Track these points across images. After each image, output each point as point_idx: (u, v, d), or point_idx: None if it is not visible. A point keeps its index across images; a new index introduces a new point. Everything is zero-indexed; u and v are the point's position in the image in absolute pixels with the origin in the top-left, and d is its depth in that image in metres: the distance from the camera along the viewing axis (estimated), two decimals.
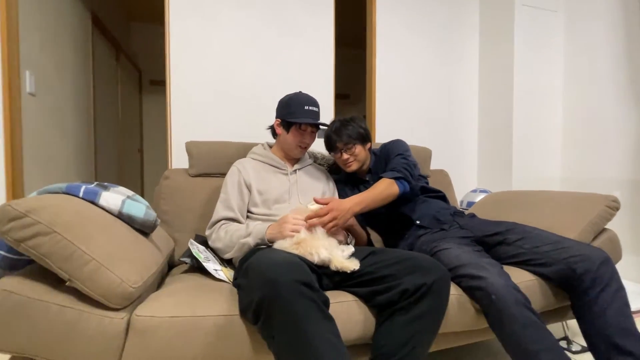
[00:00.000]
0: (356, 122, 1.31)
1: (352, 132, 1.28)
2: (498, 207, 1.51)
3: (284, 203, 1.19)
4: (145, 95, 4.08)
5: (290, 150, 1.25)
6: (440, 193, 1.39)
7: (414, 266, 0.89)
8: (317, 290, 0.76)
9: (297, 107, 1.19)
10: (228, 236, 1.07)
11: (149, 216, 0.96)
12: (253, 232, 1.03)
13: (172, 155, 1.86)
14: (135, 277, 0.80)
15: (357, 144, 1.29)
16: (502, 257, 1.13)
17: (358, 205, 1.09)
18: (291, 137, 1.22)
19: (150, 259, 0.92)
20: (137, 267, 0.83)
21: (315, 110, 1.20)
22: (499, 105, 2.33)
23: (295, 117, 1.17)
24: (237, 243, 1.05)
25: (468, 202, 2.03)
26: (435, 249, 1.10)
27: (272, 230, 1.02)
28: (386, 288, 0.88)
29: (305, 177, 1.28)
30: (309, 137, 1.22)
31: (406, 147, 1.32)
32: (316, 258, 0.92)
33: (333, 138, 1.30)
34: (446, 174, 1.83)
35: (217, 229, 1.12)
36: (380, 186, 1.16)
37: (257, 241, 1.02)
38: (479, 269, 0.95)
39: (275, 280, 0.73)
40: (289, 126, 1.21)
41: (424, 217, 1.27)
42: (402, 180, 1.19)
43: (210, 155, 1.43)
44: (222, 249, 1.10)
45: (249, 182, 1.19)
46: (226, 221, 1.13)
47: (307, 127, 1.21)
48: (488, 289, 0.91)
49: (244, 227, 1.07)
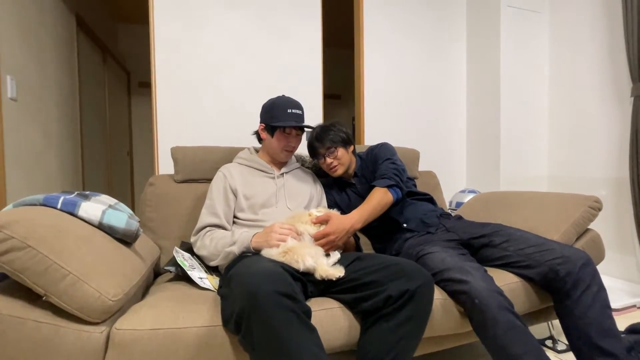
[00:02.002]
0: (337, 126, 1.32)
1: (333, 137, 1.29)
2: (486, 207, 1.52)
3: (271, 207, 1.18)
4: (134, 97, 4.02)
5: (276, 155, 1.24)
6: (427, 196, 1.39)
7: (398, 272, 0.89)
8: (298, 301, 0.75)
9: (280, 111, 1.18)
10: (213, 244, 1.06)
11: (130, 226, 0.95)
12: (238, 241, 1.02)
13: (159, 161, 1.84)
14: (115, 290, 0.78)
15: (339, 147, 1.29)
16: (488, 259, 1.13)
17: (359, 222, 1.10)
18: (276, 142, 1.21)
19: (132, 269, 0.90)
20: (118, 278, 0.81)
21: (299, 113, 1.19)
22: (486, 105, 2.34)
23: (279, 120, 1.17)
24: (222, 252, 1.04)
25: (457, 202, 2.04)
26: (421, 252, 1.10)
27: (258, 239, 1.01)
28: (371, 294, 0.88)
29: (293, 181, 1.28)
30: (294, 140, 1.22)
31: (393, 151, 1.32)
32: (301, 266, 0.91)
33: (315, 144, 1.30)
34: (434, 175, 1.83)
35: (202, 236, 1.11)
36: (375, 197, 1.17)
37: (243, 250, 1.01)
38: (463, 273, 0.96)
39: (255, 291, 0.72)
40: (273, 130, 1.20)
41: (411, 220, 1.27)
42: (395, 188, 1.20)
43: (196, 160, 1.41)
44: (207, 256, 1.09)
45: (235, 187, 1.18)
46: (211, 228, 1.12)
47: (291, 131, 1.20)
48: (471, 293, 0.92)
49: (229, 235, 1.06)
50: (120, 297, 0.78)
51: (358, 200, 1.30)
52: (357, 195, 1.34)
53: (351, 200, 1.34)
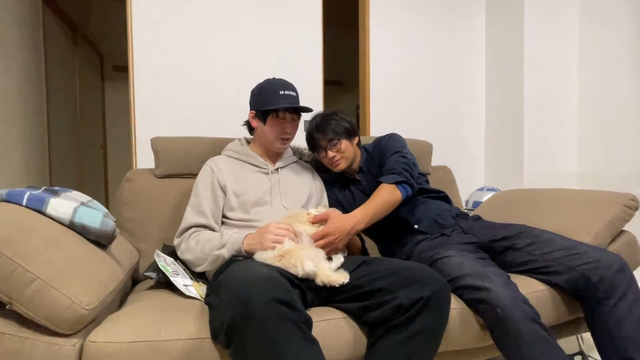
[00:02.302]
0: (340, 115, 1.31)
1: (336, 127, 1.28)
2: (507, 207, 1.52)
3: (265, 206, 1.18)
4: (108, 82, 4.01)
5: (270, 144, 1.23)
6: (441, 193, 1.39)
7: (409, 278, 0.89)
8: (297, 309, 0.75)
9: (271, 94, 1.17)
10: (199, 247, 1.06)
11: (105, 225, 0.95)
12: (228, 243, 1.02)
13: (137, 154, 1.84)
14: (89, 297, 0.78)
15: (342, 139, 1.29)
16: (511, 264, 1.14)
17: (362, 222, 1.10)
18: (269, 129, 1.20)
19: (108, 274, 0.90)
20: (92, 285, 0.81)
21: (293, 95, 1.18)
22: (508, 91, 2.34)
23: (270, 104, 1.16)
24: (209, 255, 1.04)
25: (474, 202, 2.05)
26: (435, 256, 1.11)
27: (250, 240, 1.01)
28: (379, 303, 0.88)
29: (289, 176, 1.27)
30: (290, 126, 1.21)
31: (403, 143, 1.32)
32: (300, 271, 0.91)
33: (315, 135, 1.30)
34: (449, 171, 1.83)
35: (186, 238, 1.11)
36: (381, 194, 1.16)
37: (233, 253, 1.01)
38: (483, 279, 0.96)
39: (248, 299, 0.72)
40: (265, 116, 1.19)
41: (423, 220, 1.27)
42: (404, 184, 1.19)
43: (180, 153, 1.41)
44: (193, 261, 1.08)
45: (224, 183, 1.18)
46: (197, 229, 1.12)
47: (286, 115, 1.19)
48: (493, 302, 0.92)
49: (218, 236, 1.06)
50: (95, 306, 0.78)
51: (363, 198, 1.30)
52: (363, 193, 1.34)
53: (356, 199, 1.34)
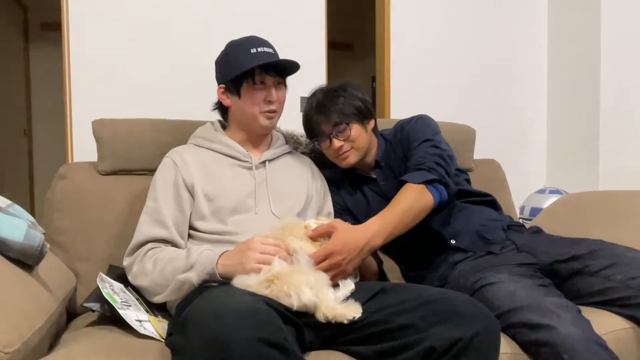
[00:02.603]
0: (349, 90, 1.31)
1: (344, 106, 1.28)
2: (577, 215, 1.53)
3: (247, 213, 1.18)
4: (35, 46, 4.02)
5: (251, 123, 1.24)
6: (487, 197, 1.40)
7: (444, 311, 0.89)
8: (291, 354, 0.75)
9: (241, 56, 1.18)
10: (158, 269, 1.06)
11: (32, 240, 0.95)
12: (198, 264, 1.02)
13: (73, 142, 1.85)
14: (9, 336, 0.78)
15: (352, 122, 1.29)
16: (582, 293, 1.14)
17: (379, 236, 1.10)
18: (247, 102, 1.21)
19: (34, 306, 0.90)
20: (12, 320, 0.81)
21: (270, 52, 1.20)
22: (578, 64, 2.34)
23: (242, 67, 1.17)
24: (172, 281, 1.03)
25: (532, 208, 2.07)
26: (480, 283, 1.11)
27: (227, 260, 1.01)
28: (402, 346, 0.88)
29: (280, 173, 1.28)
30: (274, 92, 1.21)
31: (436, 129, 1.32)
32: (295, 302, 0.91)
33: (315, 118, 1.29)
34: (498, 167, 1.83)
35: (140, 257, 1.11)
36: (406, 198, 1.16)
37: (204, 277, 1.01)
38: (544, 313, 0.96)
39: (226, 340, 0.72)
40: (238, 87, 1.20)
41: (462, 234, 1.27)
42: (437, 184, 1.19)
43: (132, 140, 1.41)
44: (149, 288, 1.08)
45: (191, 182, 1.18)
46: (155, 244, 1.12)
47: (265, 78, 1.20)
48: (557, 345, 0.92)
49: (184, 254, 1.06)
50: (17, 348, 0.78)
51: (381, 203, 1.29)
52: (380, 196, 1.34)
53: (371, 205, 1.34)
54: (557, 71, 2.48)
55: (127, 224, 1.33)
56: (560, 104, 2.46)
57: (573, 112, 2.39)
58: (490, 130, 2.39)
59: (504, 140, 2.45)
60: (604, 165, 2.26)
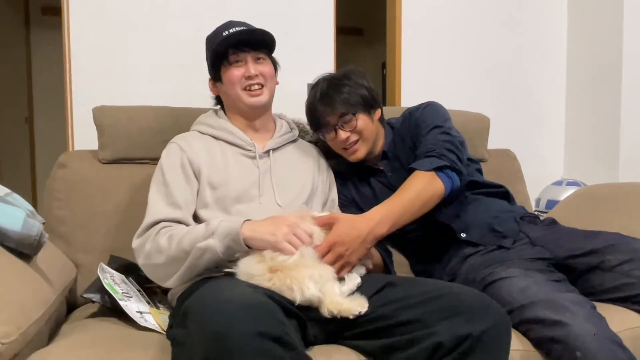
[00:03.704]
0: (353, 78, 1.31)
1: (349, 96, 1.27)
2: (594, 208, 1.52)
3: (251, 203, 1.19)
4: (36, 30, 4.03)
5: (238, 104, 1.25)
6: (500, 188, 1.38)
7: (453, 306, 0.89)
8: (293, 347, 0.75)
9: (214, 41, 1.23)
10: (175, 242, 1.03)
11: (30, 229, 0.96)
12: (219, 230, 1.00)
13: (74, 130, 1.85)
14: (7, 327, 0.79)
15: (359, 112, 1.28)
16: (598, 289, 1.14)
17: (382, 224, 1.09)
18: (228, 83, 1.23)
19: (33, 297, 0.91)
20: (10, 311, 0.82)
21: (241, 29, 1.22)
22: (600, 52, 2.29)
23: (215, 51, 1.22)
24: (191, 251, 1.01)
25: (548, 200, 2.06)
26: (491, 278, 1.10)
27: (255, 225, 1.01)
28: (409, 341, 0.88)
29: (285, 162, 1.28)
30: (252, 66, 1.22)
31: (445, 115, 1.31)
32: (298, 296, 0.92)
33: (319, 108, 1.28)
34: (512, 157, 1.82)
35: (153, 236, 1.08)
36: (414, 185, 1.15)
37: (228, 243, 1.00)
38: (557, 309, 0.96)
39: (225, 332, 0.72)
40: (218, 71, 1.24)
41: (472, 227, 1.27)
42: (448, 171, 1.18)
43: (134, 128, 1.42)
44: (164, 266, 1.05)
45: (198, 167, 1.18)
46: (168, 223, 1.10)
47: (239, 55, 1.21)
48: (571, 342, 0.91)
49: (202, 225, 1.05)
50: (15, 339, 0.79)
51: (389, 195, 1.28)
52: (388, 187, 1.34)
53: (378, 197, 1.34)
54: (577, 58, 2.44)
55: (128, 214, 1.35)
56: (579, 92, 2.42)
57: (592, 100, 2.36)
58: (505, 119, 2.37)
59: (520, 130, 2.43)
60: (624, 156, 2.23)
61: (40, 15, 3.98)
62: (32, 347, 0.91)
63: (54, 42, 3.96)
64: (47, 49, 3.97)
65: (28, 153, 3.97)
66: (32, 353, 0.89)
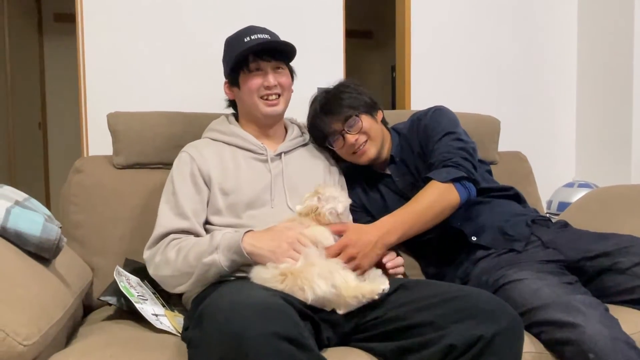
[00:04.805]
0: (352, 86, 1.33)
1: (350, 100, 1.29)
2: (606, 210, 1.51)
3: (263, 207, 1.20)
4: (49, 38, 4.09)
5: (254, 112, 1.26)
6: (510, 190, 1.39)
7: (465, 309, 0.89)
8: (308, 349, 0.76)
9: (235, 47, 1.22)
10: (181, 257, 1.07)
11: (49, 233, 0.97)
12: (222, 244, 1.03)
13: (88, 136, 1.87)
14: (28, 329, 0.80)
15: (362, 114, 1.30)
16: (611, 291, 1.13)
17: (391, 234, 1.11)
18: (246, 90, 1.24)
19: (52, 300, 0.93)
20: (31, 313, 0.84)
21: (264, 37, 1.22)
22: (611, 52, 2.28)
23: (236, 57, 1.22)
24: (197, 266, 1.04)
25: (560, 202, 2.04)
26: (502, 280, 1.11)
27: (256, 241, 1.02)
28: (421, 343, 0.89)
29: (297, 165, 1.29)
30: (272, 77, 1.22)
31: (455, 120, 1.32)
32: (310, 295, 0.93)
33: (322, 119, 1.29)
34: (523, 159, 1.81)
35: (162, 248, 1.11)
36: (427, 196, 1.16)
37: (233, 257, 1.02)
38: (569, 311, 0.96)
39: (241, 334, 0.73)
40: (237, 76, 1.24)
41: (484, 231, 1.27)
42: (465, 182, 1.18)
43: (148, 134, 1.43)
44: (173, 278, 1.09)
45: (208, 175, 1.20)
46: (177, 235, 1.13)
47: (259, 64, 1.22)
48: (583, 344, 0.92)
49: (207, 237, 1.08)
50: (36, 340, 0.80)
51: (397, 200, 1.31)
52: (396, 193, 1.35)
53: (387, 202, 1.35)
54: (588, 59, 2.42)
55: (142, 218, 1.36)
56: (591, 93, 2.41)
57: (604, 101, 2.34)
58: (516, 121, 2.36)
59: (531, 131, 2.41)
60: (636, 157, 2.21)
61: (52, 22, 4.03)
62: (51, 348, 0.93)
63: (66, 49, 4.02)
64: (60, 55, 4.03)
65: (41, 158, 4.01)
66: (51, 355, 0.90)
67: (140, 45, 1.94)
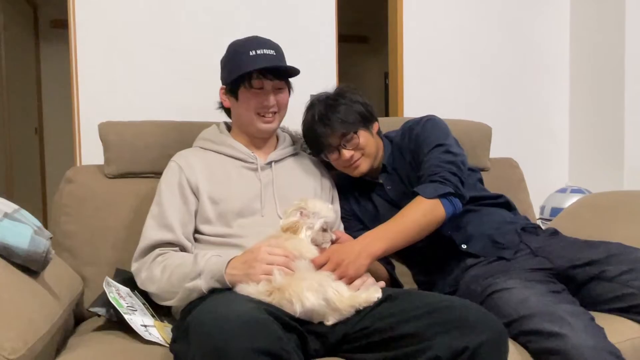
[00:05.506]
0: (348, 96, 1.31)
1: (345, 115, 1.28)
2: (598, 216, 1.51)
3: (253, 216, 1.20)
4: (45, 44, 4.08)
5: (249, 126, 1.26)
6: (500, 198, 1.39)
7: (450, 320, 0.89)
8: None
9: (239, 58, 1.20)
10: (166, 276, 1.08)
11: (36, 246, 0.98)
12: (205, 271, 1.03)
13: (81, 145, 1.87)
14: (14, 343, 0.80)
15: (359, 129, 1.29)
16: (598, 299, 1.14)
17: (374, 247, 1.10)
18: (243, 106, 1.23)
19: (40, 311, 0.93)
20: (17, 326, 0.84)
21: (270, 54, 1.21)
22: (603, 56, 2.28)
23: (239, 70, 1.19)
24: (180, 288, 1.05)
25: (552, 208, 2.04)
26: (491, 289, 1.11)
27: (234, 270, 1.02)
28: (407, 354, 0.89)
29: (287, 174, 1.29)
30: (272, 97, 1.23)
31: (446, 131, 1.31)
32: (298, 308, 0.93)
33: (320, 131, 1.28)
34: (515, 166, 1.81)
35: (148, 264, 1.13)
36: (413, 212, 1.16)
37: (214, 285, 1.02)
38: (555, 321, 0.96)
39: (223, 349, 0.74)
40: (237, 89, 1.22)
41: (473, 239, 1.27)
42: (451, 197, 1.18)
43: (138, 143, 1.44)
44: (159, 295, 1.11)
45: (196, 185, 1.20)
46: (163, 249, 1.14)
47: (262, 82, 1.21)
48: (569, 354, 0.92)
49: (191, 259, 1.08)
50: (22, 354, 0.80)
51: (389, 209, 1.31)
52: (388, 201, 1.35)
53: (379, 211, 1.35)
54: (580, 65, 2.43)
55: (133, 228, 1.35)
56: (583, 99, 2.41)
57: (596, 107, 2.35)
58: (509, 127, 2.36)
59: (524, 138, 2.42)
60: (629, 164, 2.22)
61: (49, 28, 4.03)
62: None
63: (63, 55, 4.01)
64: (56, 61, 4.02)
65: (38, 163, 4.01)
66: None
67: (132, 51, 1.94)
